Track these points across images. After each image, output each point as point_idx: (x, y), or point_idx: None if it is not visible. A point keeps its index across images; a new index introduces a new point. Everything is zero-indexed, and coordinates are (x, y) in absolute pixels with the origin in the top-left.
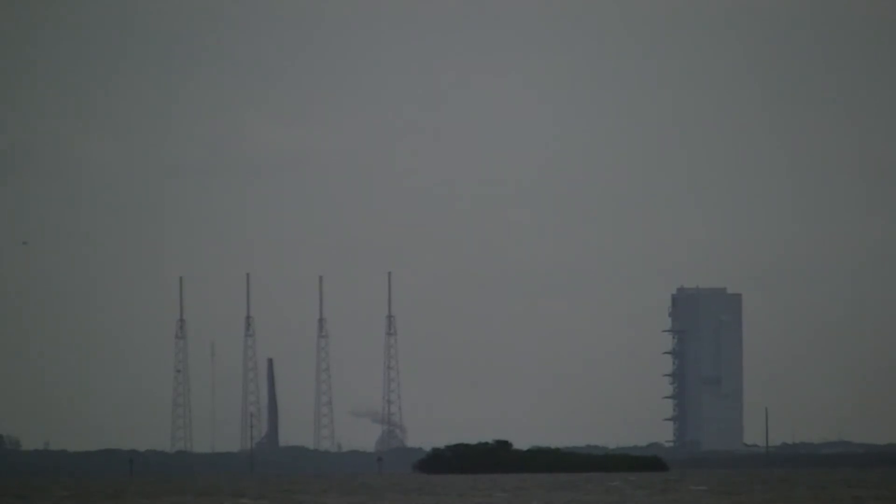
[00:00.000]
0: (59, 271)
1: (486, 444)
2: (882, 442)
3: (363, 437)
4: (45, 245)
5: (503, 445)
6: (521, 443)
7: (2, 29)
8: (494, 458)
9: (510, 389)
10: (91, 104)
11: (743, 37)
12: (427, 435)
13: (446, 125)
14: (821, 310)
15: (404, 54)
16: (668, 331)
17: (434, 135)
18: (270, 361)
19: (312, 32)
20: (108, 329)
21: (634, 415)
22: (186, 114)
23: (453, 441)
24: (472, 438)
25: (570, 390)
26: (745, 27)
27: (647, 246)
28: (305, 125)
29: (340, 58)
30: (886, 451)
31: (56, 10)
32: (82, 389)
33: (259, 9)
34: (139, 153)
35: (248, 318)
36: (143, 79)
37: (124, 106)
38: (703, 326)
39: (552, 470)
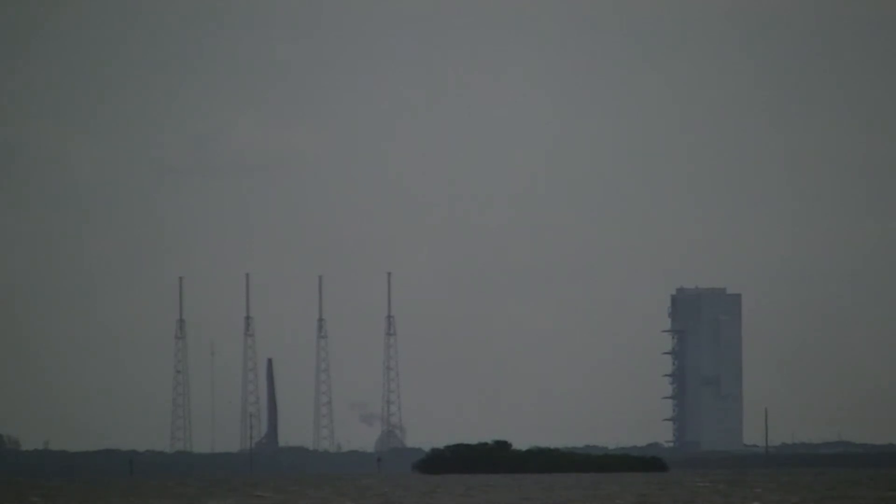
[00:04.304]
0: (59, 271)
1: (486, 444)
2: (882, 442)
3: (363, 437)
4: (45, 245)
5: (502, 445)
6: (520, 443)
7: None
8: (494, 458)
9: (510, 389)
10: (89, 104)
11: (743, 36)
12: (427, 435)
13: (447, 124)
14: (821, 310)
15: (406, 54)
16: (668, 331)
17: (434, 134)
18: (270, 361)
19: (312, 31)
20: (108, 329)
21: (634, 415)
22: (186, 113)
23: (453, 441)
24: (471, 438)
25: (570, 390)
26: (745, 26)
27: (647, 246)
28: (306, 125)
29: (341, 57)
30: (886, 451)
31: (49, 11)
32: (82, 389)
33: (261, 8)
34: (138, 153)
35: (247, 318)
36: (143, 78)
37: (123, 106)
38: (702, 326)
39: (551, 470)
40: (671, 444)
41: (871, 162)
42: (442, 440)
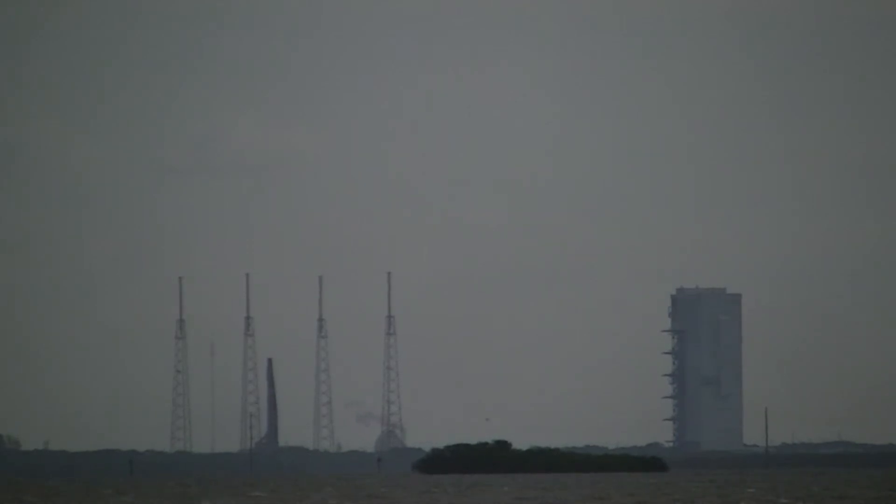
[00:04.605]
0: (59, 271)
1: (486, 444)
2: (882, 442)
3: (363, 437)
4: (45, 245)
5: (503, 445)
6: (520, 443)
7: None
8: (494, 458)
9: (510, 389)
10: (89, 104)
11: (743, 36)
12: (427, 435)
13: (447, 124)
14: (821, 310)
15: (406, 54)
16: (668, 331)
17: (434, 134)
18: (270, 361)
19: (312, 31)
20: (108, 329)
21: (634, 415)
22: (186, 113)
23: (453, 441)
24: (471, 438)
25: (570, 390)
26: (746, 26)
27: (647, 246)
28: (306, 125)
29: (341, 57)
30: (886, 451)
31: (49, 11)
32: (82, 389)
33: (261, 8)
34: (138, 153)
35: (247, 318)
36: (143, 78)
37: (123, 105)
38: (702, 326)
39: (551, 470)
40: (671, 444)
41: (871, 162)
42: (442, 440)
